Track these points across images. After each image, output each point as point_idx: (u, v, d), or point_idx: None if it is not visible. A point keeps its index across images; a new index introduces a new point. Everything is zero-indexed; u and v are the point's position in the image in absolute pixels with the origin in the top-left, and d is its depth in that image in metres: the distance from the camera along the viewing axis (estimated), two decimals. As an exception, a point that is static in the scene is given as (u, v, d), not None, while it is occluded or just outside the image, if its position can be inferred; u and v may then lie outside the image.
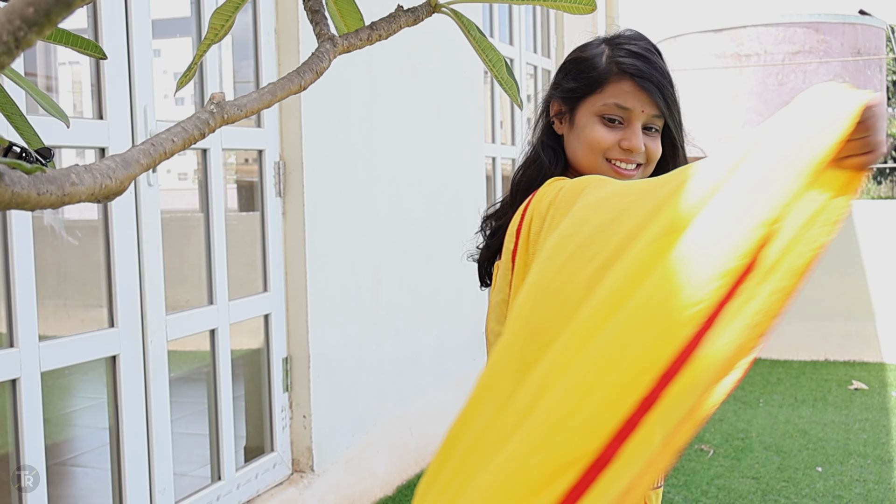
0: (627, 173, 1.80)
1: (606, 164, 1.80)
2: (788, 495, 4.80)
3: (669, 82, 1.81)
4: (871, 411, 6.42)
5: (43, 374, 3.08)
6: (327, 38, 0.97)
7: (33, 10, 0.55)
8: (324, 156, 4.41)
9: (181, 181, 27.38)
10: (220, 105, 0.77)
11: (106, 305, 3.46)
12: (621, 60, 1.78)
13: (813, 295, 8.26)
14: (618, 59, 1.79)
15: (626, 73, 1.77)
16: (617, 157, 1.79)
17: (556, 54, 8.30)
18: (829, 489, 4.88)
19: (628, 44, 1.81)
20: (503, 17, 7.09)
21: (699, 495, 4.80)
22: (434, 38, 5.55)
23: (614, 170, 1.79)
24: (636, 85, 1.77)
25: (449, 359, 5.85)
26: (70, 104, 14.36)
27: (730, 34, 25.03)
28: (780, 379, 7.48)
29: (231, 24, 1.04)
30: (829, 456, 5.43)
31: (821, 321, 8.27)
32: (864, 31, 24.83)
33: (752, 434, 5.90)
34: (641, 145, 1.79)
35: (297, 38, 4.25)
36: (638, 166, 1.82)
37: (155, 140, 0.71)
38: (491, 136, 6.94)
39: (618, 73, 1.78)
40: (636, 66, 1.77)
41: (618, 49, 1.81)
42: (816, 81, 12.82)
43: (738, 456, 5.45)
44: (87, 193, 0.63)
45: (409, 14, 1.05)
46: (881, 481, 4.97)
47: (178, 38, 6.01)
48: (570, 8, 1.21)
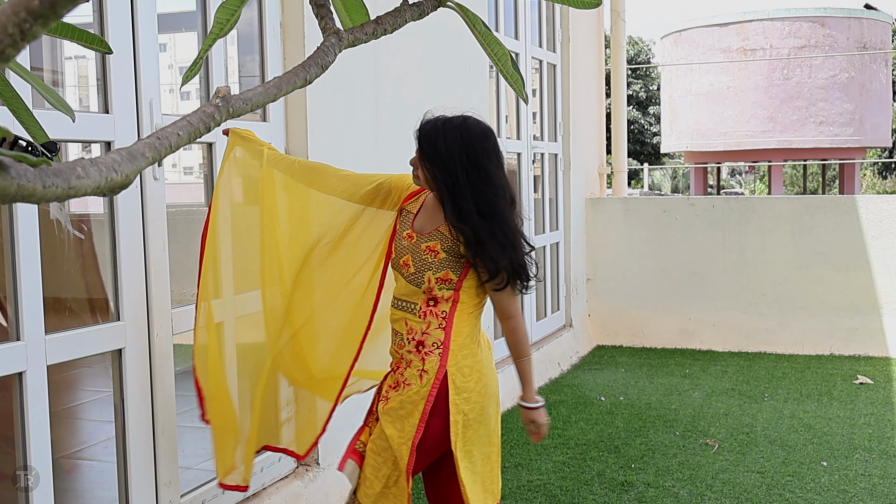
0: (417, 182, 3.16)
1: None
2: (793, 490, 4.79)
3: (421, 140, 3.07)
4: (876, 406, 6.42)
5: (49, 367, 3.09)
6: (333, 33, 0.97)
7: (39, 3, 0.55)
8: (329, 149, 4.41)
9: (187, 175, 27.39)
10: (225, 99, 0.77)
11: (112, 299, 3.46)
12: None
13: (818, 289, 8.25)
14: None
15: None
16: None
17: (562, 49, 8.29)
18: (834, 483, 4.87)
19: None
20: (508, 11, 7.08)
21: (704, 489, 4.80)
22: (439, 32, 5.55)
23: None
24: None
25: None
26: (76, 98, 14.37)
27: (735, 28, 24.97)
28: (785, 373, 7.47)
29: (236, 19, 1.04)
30: (834, 450, 5.43)
31: (826, 316, 8.27)
32: (869, 26, 24.76)
33: (757, 428, 5.90)
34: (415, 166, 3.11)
35: (303, 33, 4.25)
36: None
37: (160, 134, 0.71)
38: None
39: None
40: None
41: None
42: (822, 75, 12.95)
43: (743, 450, 5.45)
44: (92, 187, 0.63)
45: (415, 8, 1.05)
46: (886, 476, 4.97)
47: (184, 32, 6.00)
48: (576, 2, 1.21)
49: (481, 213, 2.93)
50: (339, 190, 3.39)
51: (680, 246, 8.67)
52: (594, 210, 8.99)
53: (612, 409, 6.46)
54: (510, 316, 3.08)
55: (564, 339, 8.15)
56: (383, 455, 3.06)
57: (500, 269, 2.95)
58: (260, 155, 3.46)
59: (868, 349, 8.13)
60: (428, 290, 3.02)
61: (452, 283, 3.02)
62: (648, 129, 42.00)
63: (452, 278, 3.01)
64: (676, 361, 8.05)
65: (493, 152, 3.02)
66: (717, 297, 8.58)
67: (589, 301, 9.04)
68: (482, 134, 3.02)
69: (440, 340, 3.02)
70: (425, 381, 3.00)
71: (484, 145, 3.00)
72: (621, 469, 5.14)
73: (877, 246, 8.06)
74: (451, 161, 2.95)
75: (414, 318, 3.05)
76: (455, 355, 3.02)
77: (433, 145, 2.99)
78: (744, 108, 24.93)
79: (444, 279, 3.01)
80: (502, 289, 3.00)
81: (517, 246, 2.98)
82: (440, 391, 3.00)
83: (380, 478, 3.06)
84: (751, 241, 8.43)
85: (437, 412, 3.00)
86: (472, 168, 2.95)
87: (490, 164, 2.99)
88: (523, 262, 3.00)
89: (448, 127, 3.01)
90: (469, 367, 3.04)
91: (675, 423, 6.07)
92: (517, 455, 5.39)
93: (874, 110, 24.91)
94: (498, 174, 3.02)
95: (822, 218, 8.19)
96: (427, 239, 3.04)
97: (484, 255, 2.93)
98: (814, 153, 26.23)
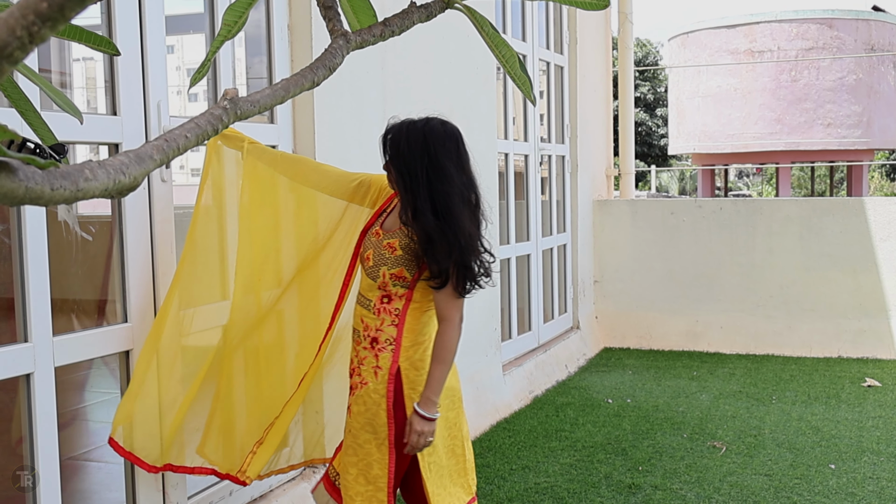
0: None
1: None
2: (801, 492, 4.78)
3: (386, 143, 3.12)
4: (884, 408, 6.40)
5: (56, 368, 3.09)
6: (341, 35, 0.97)
7: (47, 6, 0.55)
8: (337, 150, 4.41)
9: (194, 177, 27.43)
10: (233, 101, 0.77)
11: (119, 300, 3.47)
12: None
13: (826, 292, 8.23)
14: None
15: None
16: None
17: (569, 50, 8.29)
18: (842, 486, 4.86)
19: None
20: (516, 12, 7.08)
21: (712, 492, 4.79)
22: (447, 34, 5.55)
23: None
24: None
25: (460, 354, 5.84)
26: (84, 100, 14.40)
27: (743, 30, 24.94)
28: (793, 376, 7.46)
29: (244, 21, 1.04)
30: (842, 453, 5.41)
31: (834, 318, 8.25)
32: (877, 28, 24.71)
33: (764, 431, 5.89)
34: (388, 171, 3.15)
35: (310, 34, 4.25)
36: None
37: (168, 136, 0.71)
38: (503, 132, 6.94)
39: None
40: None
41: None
42: (830, 77, 12.92)
43: (751, 453, 5.44)
44: (100, 189, 0.63)
45: (422, 10, 1.05)
46: (894, 478, 4.96)
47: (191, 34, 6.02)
48: (584, 4, 1.21)
49: (436, 212, 2.96)
50: (321, 185, 3.49)
51: (687, 248, 8.66)
52: (601, 212, 8.98)
53: (620, 411, 6.45)
54: (444, 318, 3.07)
55: (572, 341, 8.15)
56: (358, 466, 3.13)
57: (442, 270, 2.97)
58: (240, 147, 3.49)
59: (876, 351, 8.12)
60: (383, 285, 3.09)
61: (406, 280, 3.07)
62: (656, 130, 41.97)
63: (406, 276, 3.07)
64: (684, 364, 8.04)
65: (454, 153, 3.05)
66: (725, 300, 8.57)
67: (596, 303, 9.03)
68: (444, 135, 3.06)
69: (393, 337, 3.09)
70: (380, 377, 3.08)
71: (446, 145, 3.04)
72: (629, 471, 5.13)
73: (885, 248, 8.04)
74: (412, 162, 3.00)
75: (369, 315, 3.12)
76: (407, 351, 3.09)
77: (396, 147, 3.06)
78: (751, 109, 24.89)
79: (398, 276, 3.07)
80: (439, 288, 3.01)
81: (466, 248, 2.97)
82: (396, 387, 3.07)
83: (359, 490, 3.13)
84: (758, 243, 8.42)
85: (398, 407, 3.07)
86: (433, 168, 2.99)
87: (450, 164, 3.01)
88: (469, 264, 2.99)
89: (411, 129, 3.08)
90: (421, 361, 3.10)
91: (683, 425, 6.06)
92: (524, 457, 5.39)
93: (882, 112, 24.86)
94: (459, 175, 3.04)
95: (830, 220, 8.17)
96: (389, 236, 3.11)
97: (431, 254, 2.96)
98: (821, 155, 26.19)
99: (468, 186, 3.06)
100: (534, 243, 7.52)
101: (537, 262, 7.60)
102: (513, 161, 7.11)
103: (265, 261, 3.54)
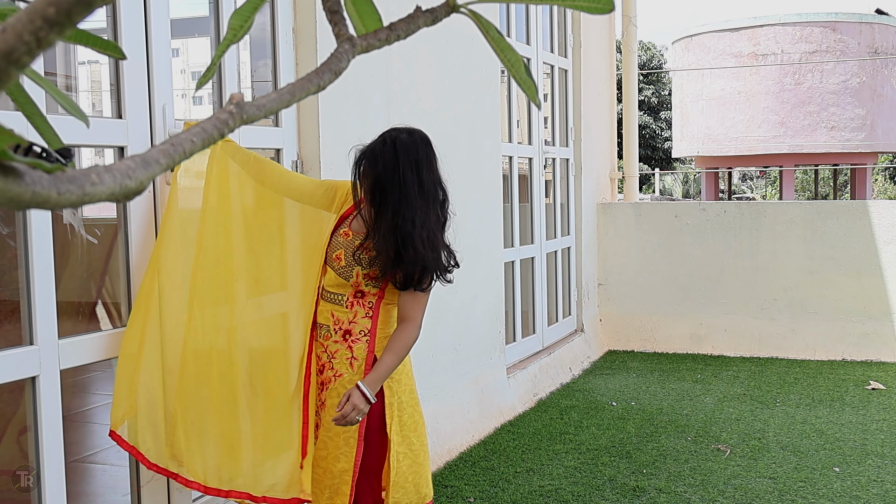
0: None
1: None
2: (805, 495, 4.78)
3: (358, 161, 3.16)
4: (888, 411, 6.39)
5: (62, 371, 3.09)
6: (346, 39, 0.97)
7: (54, 10, 0.55)
8: (341, 154, 4.41)
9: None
10: (239, 105, 0.78)
11: (124, 303, 3.47)
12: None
13: (830, 295, 8.23)
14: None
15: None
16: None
17: (573, 54, 8.29)
18: (846, 489, 4.86)
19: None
20: (520, 16, 7.08)
21: (716, 495, 4.79)
22: (451, 37, 5.55)
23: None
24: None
25: (465, 357, 5.86)
26: (89, 103, 14.42)
27: (747, 33, 24.94)
28: (797, 379, 7.45)
29: (250, 25, 1.04)
30: (846, 456, 5.41)
31: (838, 321, 8.24)
32: (881, 31, 24.71)
33: (769, 434, 5.88)
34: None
35: (315, 38, 4.26)
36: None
37: (175, 140, 0.71)
38: (508, 135, 6.94)
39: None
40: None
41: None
42: (833, 80, 12.93)
43: (755, 456, 5.43)
44: (107, 193, 0.63)
45: (428, 14, 1.05)
46: (899, 482, 4.95)
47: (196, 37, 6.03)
48: (588, 7, 1.21)
49: (396, 213, 3.04)
50: (289, 189, 3.48)
51: (691, 251, 8.66)
52: (605, 215, 8.98)
53: (624, 414, 6.45)
54: (408, 318, 3.13)
55: (576, 343, 8.15)
56: (327, 459, 3.19)
57: (407, 276, 3.07)
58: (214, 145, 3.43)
59: (880, 354, 8.11)
60: (356, 283, 3.17)
61: (379, 281, 3.16)
62: (660, 134, 41.98)
63: (379, 276, 3.14)
64: (688, 366, 8.04)
65: (425, 158, 3.12)
66: (729, 302, 8.56)
67: (600, 306, 9.03)
68: (412, 145, 3.11)
69: (367, 329, 3.17)
70: (356, 367, 3.15)
71: (419, 153, 3.10)
72: (633, 474, 5.13)
73: (889, 251, 8.03)
74: (386, 173, 3.06)
75: (341, 309, 3.19)
76: (382, 342, 3.18)
77: (370, 161, 3.11)
78: (755, 113, 24.89)
79: (371, 276, 3.15)
80: (403, 288, 3.10)
81: (433, 259, 3.07)
82: None
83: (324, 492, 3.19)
84: (762, 246, 8.41)
85: (375, 395, 3.10)
86: (405, 183, 3.05)
87: (423, 169, 3.09)
88: (432, 267, 3.08)
89: (378, 143, 3.13)
90: None
91: (687, 428, 6.06)
92: (529, 460, 5.39)
93: (885, 115, 24.86)
94: (430, 175, 3.11)
95: (834, 223, 8.17)
96: (360, 238, 3.18)
97: (399, 265, 3.06)
98: (825, 158, 26.19)
99: (437, 183, 3.14)
100: (538, 246, 7.53)
101: (541, 265, 7.60)
102: (517, 164, 7.12)
103: (229, 261, 3.44)
